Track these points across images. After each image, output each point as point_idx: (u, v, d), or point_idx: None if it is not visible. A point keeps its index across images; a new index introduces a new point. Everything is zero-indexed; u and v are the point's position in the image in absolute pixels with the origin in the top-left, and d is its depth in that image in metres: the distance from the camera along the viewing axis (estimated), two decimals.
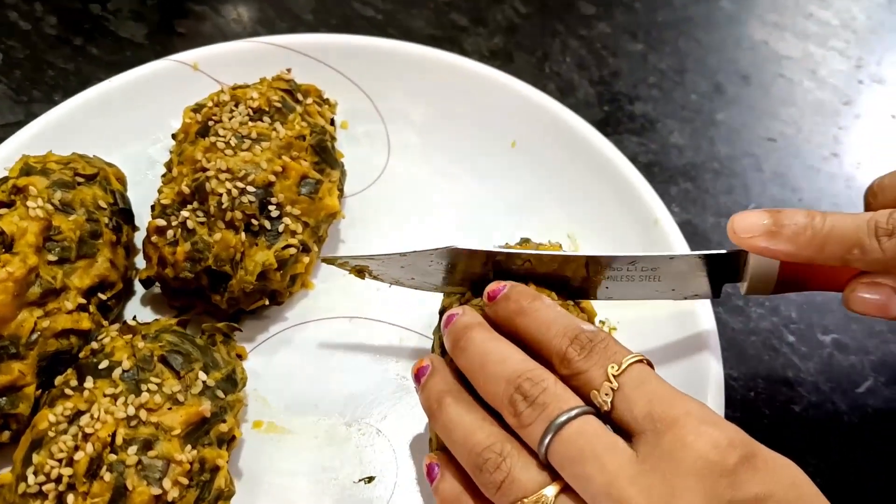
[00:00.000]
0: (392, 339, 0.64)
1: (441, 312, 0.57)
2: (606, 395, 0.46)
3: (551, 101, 0.73)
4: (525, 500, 0.44)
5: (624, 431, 0.45)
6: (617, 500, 0.41)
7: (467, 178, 0.72)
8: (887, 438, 0.64)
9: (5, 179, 0.60)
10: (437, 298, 0.66)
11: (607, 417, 0.46)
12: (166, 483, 0.49)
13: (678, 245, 0.64)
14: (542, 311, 0.51)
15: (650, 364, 0.48)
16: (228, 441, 0.54)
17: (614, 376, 0.46)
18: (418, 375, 0.53)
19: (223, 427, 0.53)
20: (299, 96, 0.68)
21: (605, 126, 0.72)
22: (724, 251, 0.57)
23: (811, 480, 0.44)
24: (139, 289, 0.65)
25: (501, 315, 0.53)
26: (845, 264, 0.52)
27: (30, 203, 0.58)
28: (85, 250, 0.59)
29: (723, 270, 0.57)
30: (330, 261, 0.60)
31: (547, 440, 0.45)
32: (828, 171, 0.81)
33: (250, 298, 0.61)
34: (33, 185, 0.59)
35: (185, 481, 0.49)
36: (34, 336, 0.56)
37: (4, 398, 0.55)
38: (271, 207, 0.61)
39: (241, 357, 0.60)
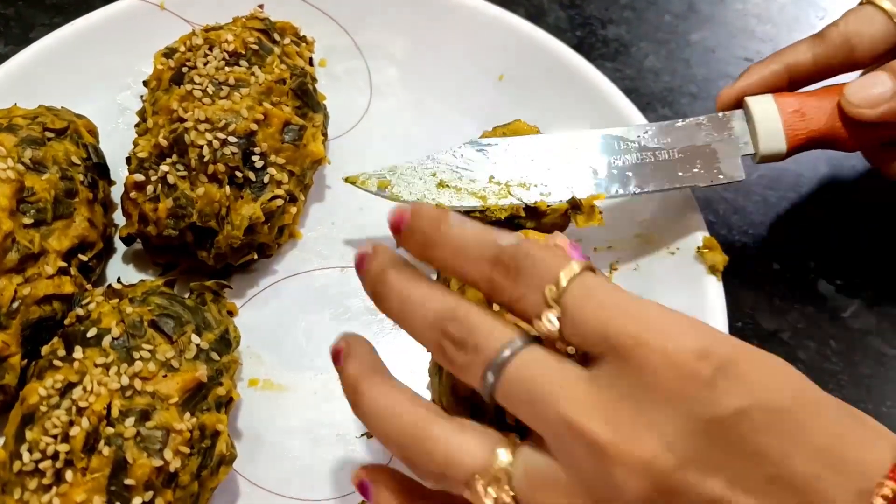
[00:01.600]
0: None
1: None
2: (550, 322, 0.38)
3: (540, 32, 0.70)
4: (478, 477, 0.38)
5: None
6: (579, 436, 0.36)
7: (454, 115, 0.70)
8: (875, 361, 0.63)
9: None
10: None
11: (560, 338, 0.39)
12: (167, 454, 0.47)
13: None
14: (451, 236, 0.42)
15: (592, 268, 0.40)
16: (226, 404, 0.52)
17: (554, 299, 0.38)
18: (335, 359, 0.47)
19: (220, 390, 0.52)
20: (276, 36, 0.64)
21: (579, 52, 0.69)
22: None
23: (804, 377, 0.37)
24: (119, 246, 0.63)
25: (413, 251, 0.44)
26: None
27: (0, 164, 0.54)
28: (61, 210, 0.57)
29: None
30: (352, 181, 0.61)
31: (489, 384, 0.39)
32: (805, 89, 0.80)
33: (238, 253, 0.59)
34: (1, 144, 0.56)
35: (186, 450, 0.48)
36: (15, 304, 0.53)
37: None
38: (255, 158, 0.58)
39: (231, 314, 0.58)
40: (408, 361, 0.58)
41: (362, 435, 0.56)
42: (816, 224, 0.70)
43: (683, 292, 0.59)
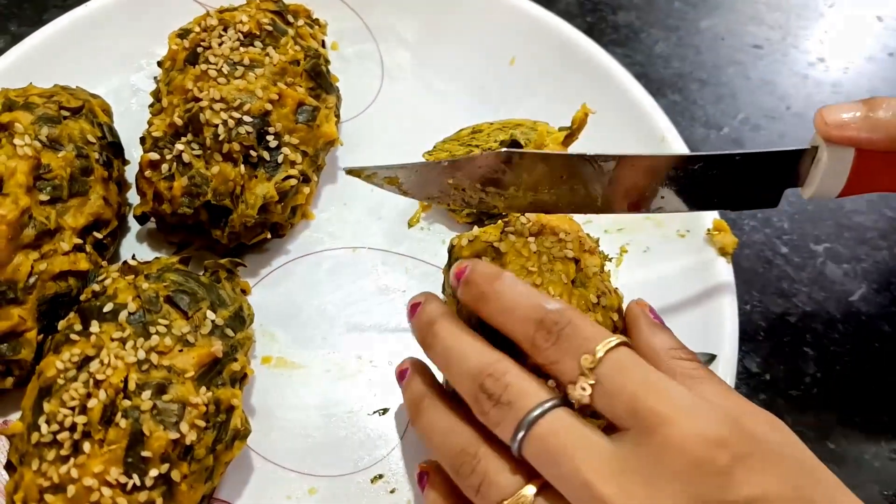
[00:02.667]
0: (398, 269, 0.62)
1: (450, 250, 0.55)
2: (584, 389, 0.42)
3: (551, 16, 0.71)
4: (506, 502, 0.43)
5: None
6: (594, 498, 0.39)
7: (466, 98, 0.70)
8: (882, 345, 0.64)
9: None
10: (442, 228, 0.65)
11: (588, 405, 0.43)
12: (183, 427, 0.48)
13: None
14: (505, 293, 0.47)
15: (628, 343, 0.43)
16: (240, 380, 0.53)
17: (590, 369, 0.42)
18: (400, 377, 0.52)
19: (235, 366, 0.52)
20: (290, 18, 0.65)
21: (589, 38, 0.70)
22: (798, 148, 0.53)
23: (823, 465, 0.42)
24: (133, 224, 0.63)
25: (466, 301, 0.49)
26: None
27: (17, 140, 0.55)
28: (77, 188, 0.57)
29: (781, 174, 0.54)
30: (356, 173, 0.53)
31: (518, 439, 0.42)
32: (815, 77, 0.80)
33: (251, 232, 0.59)
34: (18, 122, 0.56)
35: (201, 424, 0.49)
36: (32, 280, 0.54)
37: (5, 344, 0.53)
38: (269, 137, 0.59)
39: (245, 292, 0.58)
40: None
41: (374, 412, 0.57)
42: (825, 209, 0.71)
43: (694, 274, 0.60)
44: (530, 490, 0.42)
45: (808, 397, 0.61)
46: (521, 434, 0.42)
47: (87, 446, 0.47)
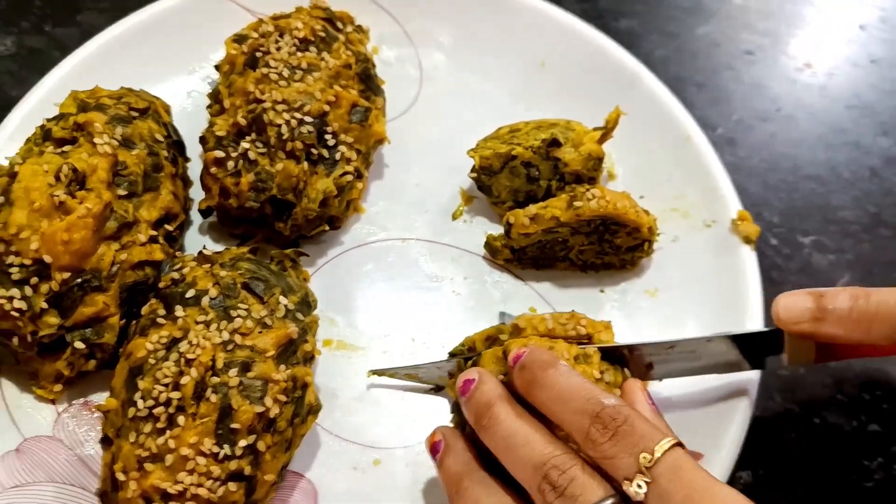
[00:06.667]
0: (444, 258, 0.67)
1: (507, 229, 0.59)
2: (639, 487, 0.43)
3: (579, 22, 0.76)
4: None
5: None
6: None
7: (499, 99, 0.75)
8: None
9: (63, 116, 0.61)
10: (484, 220, 0.69)
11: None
12: (267, 401, 0.52)
13: (711, 161, 0.68)
14: (559, 381, 0.48)
15: (681, 444, 0.45)
16: (310, 359, 0.57)
17: (647, 468, 0.44)
18: (433, 451, 0.53)
19: (307, 346, 0.56)
20: (339, 24, 0.69)
21: None
22: (762, 330, 0.57)
23: None
24: (195, 218, 0.67)
25: (519, 386, 0.50)
26: (894, 342, 0.52)
27: (97, 139, 0.59)
28: (149, 184, 0.61)
29: (763, 345, 0.56)
30: (380, 373, 0.61)
31: None
32: (803, 81, 0.85)
33: (312, 224, 0.64)
34: (95, 122, 0.60)
35: (283, 398, 0.53)
36: (114, 269, 0.58)
37: (90, 329, 0.57)
38: (327, 136, 0.63)
39: (306, 280, 0.63)
40: (469, 321, 0.63)
41: (429, 389, 0.61)
42: (812, 204, 0.76)
43: (720, 261, 0.65)
44: None
45: (797, 376, 0.66)
46: None
47: (181, 419, 0.51)
